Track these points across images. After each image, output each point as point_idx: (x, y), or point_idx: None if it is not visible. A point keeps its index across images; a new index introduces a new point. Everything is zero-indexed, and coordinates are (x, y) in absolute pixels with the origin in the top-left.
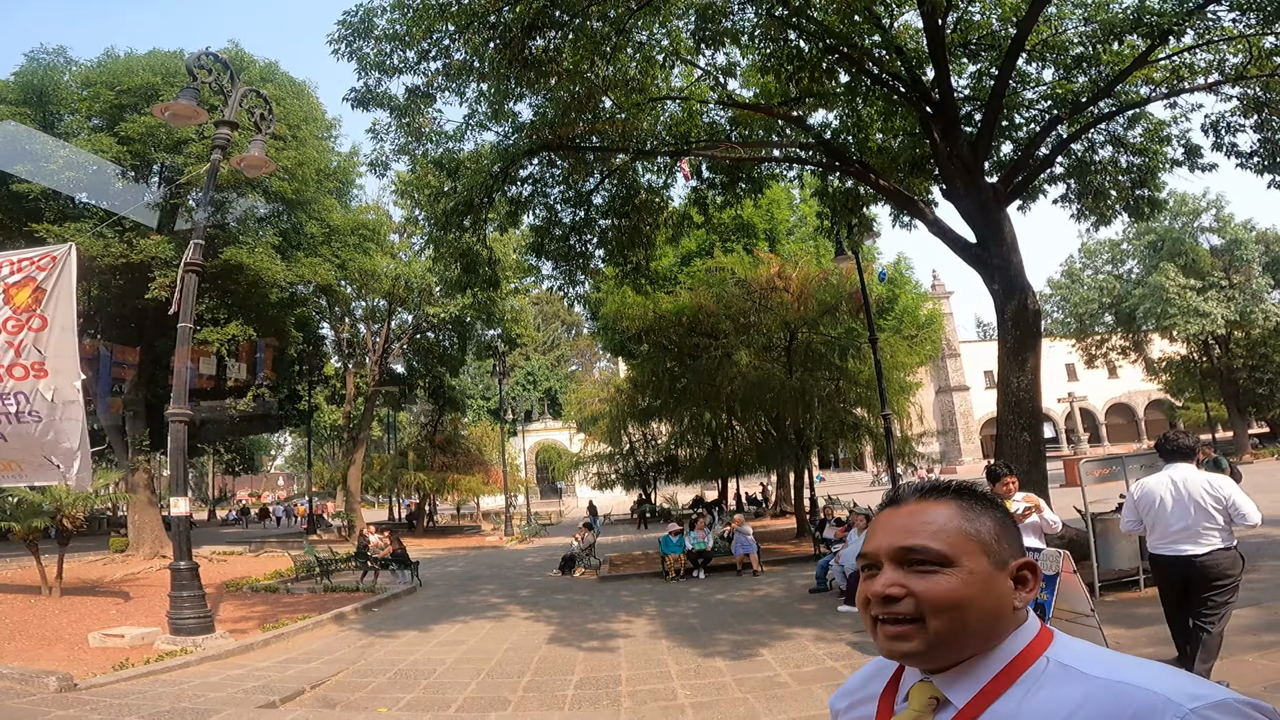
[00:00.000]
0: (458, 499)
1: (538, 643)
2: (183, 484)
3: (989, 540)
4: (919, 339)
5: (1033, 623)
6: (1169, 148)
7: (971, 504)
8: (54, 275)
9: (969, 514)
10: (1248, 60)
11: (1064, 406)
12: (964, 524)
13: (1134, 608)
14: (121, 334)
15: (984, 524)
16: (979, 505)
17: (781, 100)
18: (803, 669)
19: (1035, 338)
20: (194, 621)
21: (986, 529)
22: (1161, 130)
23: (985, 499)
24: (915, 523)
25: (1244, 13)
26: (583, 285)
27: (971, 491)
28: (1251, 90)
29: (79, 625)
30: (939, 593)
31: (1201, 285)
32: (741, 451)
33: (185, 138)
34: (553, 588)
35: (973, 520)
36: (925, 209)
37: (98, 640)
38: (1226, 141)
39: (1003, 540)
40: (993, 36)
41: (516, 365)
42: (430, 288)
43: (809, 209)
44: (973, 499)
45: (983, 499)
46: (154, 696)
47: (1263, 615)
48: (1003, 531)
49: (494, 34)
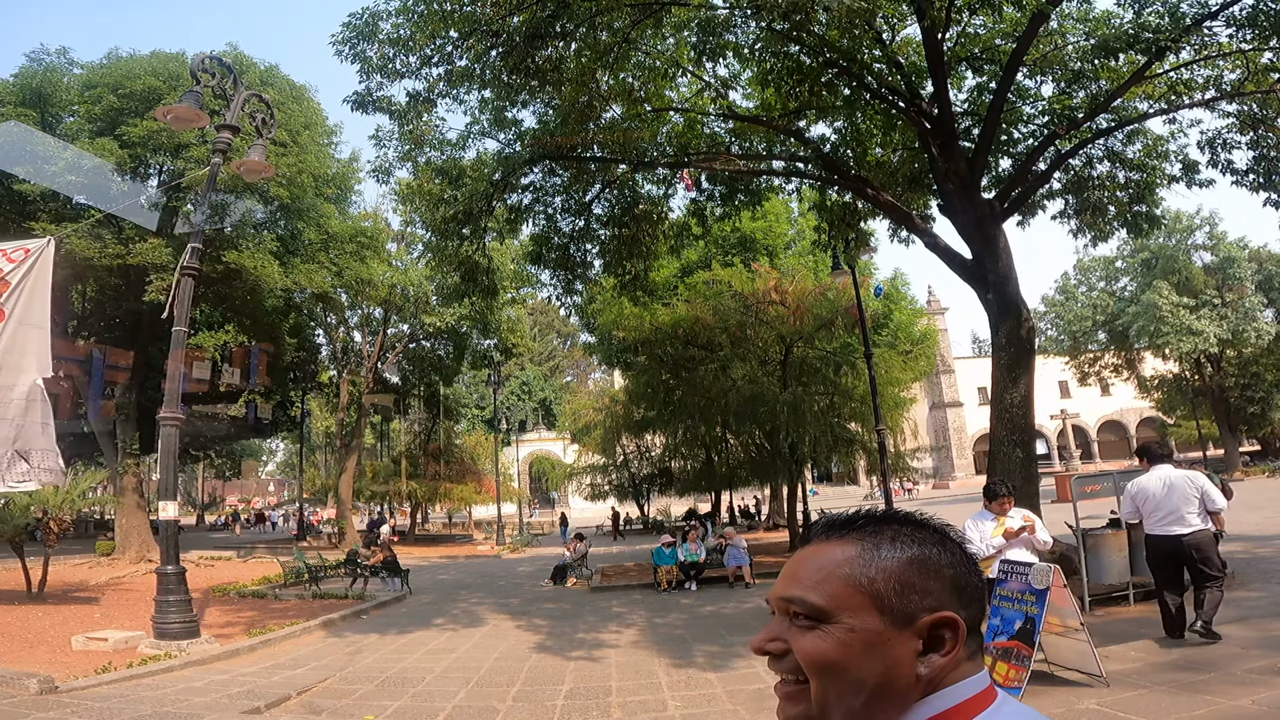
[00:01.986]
0: (450, 508)
1: (527, 652)
2: (172, 488)
3: (886, 592)
4: (914, 355)
5: (957, 691)
6: (1167, 164)
7: (880, 544)
8: (23, 268)
9: (868, 558)
10: (1244, 76)
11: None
12: (855, 571)
13: (1123, 621)
14: (116, 337)
15: (887, 570)
16: (893, 545)
17: (781, 113)
18: None
19: (1029, 355)
20: (179, 626)
21: (888, 577)
22: (1159, 146)
23: (909, 536)
24: (804, 568)
25: (1241, 29)
26: (580, 295)
27: (890, 526)
28: (1247, 107)
29: (62, 628)
30: (808, 653)
31: (1194, 303)
32: (735, 465)
33: (185, 141)
34: (544, 597)
35: (871, 566)
36: (922, 224)
37: (81, 643)
38: (1222, 158)
39: (911, 591)
40: (992, 51)
41: (511, 375)
42: (427, 296)
43: (806, 223)
44: (884, 537)
45: (905, 536)
46: (136, 700)
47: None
48: (919, 579)
49: (497, 42)
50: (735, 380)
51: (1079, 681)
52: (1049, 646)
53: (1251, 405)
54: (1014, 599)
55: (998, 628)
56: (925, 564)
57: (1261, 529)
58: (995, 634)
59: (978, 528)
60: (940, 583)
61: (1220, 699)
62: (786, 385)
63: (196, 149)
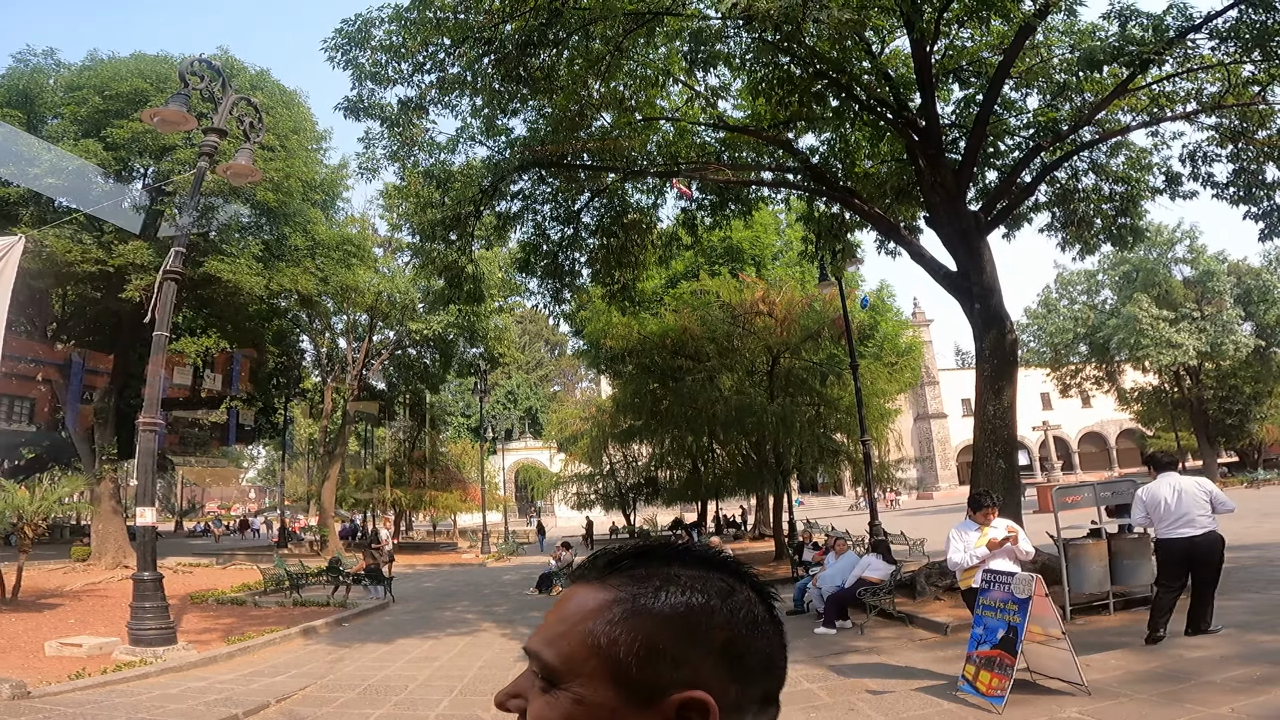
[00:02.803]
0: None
1: (512, 660)
2: (150, 494)
3: (626, 658)
4: (899, 366)
5: None
6: (1150, 175)
7: (642, 592)
8: None
9: (617, 611)
10: (1225, 89)
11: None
12: (596, 627)
13: (1103, 630)
14: (95, 340)
15: (635, 629)
16: (658, 594)
17: (771, 123)
18: None
19: (1012, 366)
20: (155, 632)
21: (634, 639)
22: (1143, 158)
23: (687, 582)
24: (553, 615)
25: (1223, 41)
26: (568, 303)
27: (668, 568)
28: (1228, 120)
29: (35, 634)
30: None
31: (1174, 316)
32: (722, 474)
33: (171, 144)
34: (529, 605)
35: (617, 623)
36: (908, 236)
37: (54, 649)
38: (1203, 171)
39: (660, 660)
40: (979, 64)
41: (498, 384)
42: (413, 303)
43: (794, 234)
44: (651, 583)
45: (683, 582)
46: (110, 707)
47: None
48: (675, 643)
49: (489, 49)
50: (723, 390)
51: (1060, 690)
52: (1031, 655)
53: (1229, 417)
54: (997, 608)
55: (981, 637)
56: (690, 624)
57: (1241, 538)
58: (979, 643)
59: (962, 537)
60: (704, 649)
61: (1200, 707)
62: (774, 396)
63: (182, 151)
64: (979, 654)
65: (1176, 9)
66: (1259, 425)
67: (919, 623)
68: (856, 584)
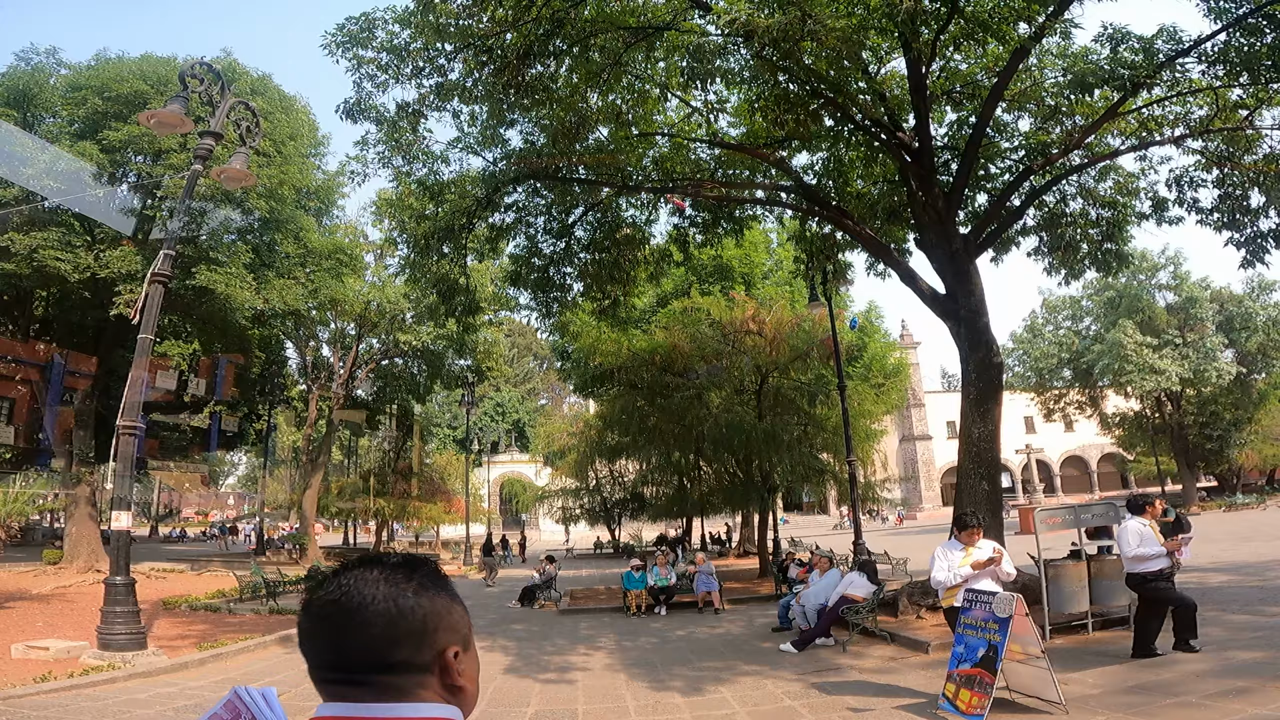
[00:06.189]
0: (418, 526)
1: (493, 673)
2: (127, 498)
3: None
4: (886, 388)
5: None
6: (1137, 200)
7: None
8: None
9: None
10: (1213, 113)
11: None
12: None
13: (1083, 649)
14: (79, 342)
15: None
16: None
17: (766, 141)
18: (760, 707)
19: (997, 390)
20: (125, 637)
21: None
22: (1130, 183)
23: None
24: None
25: (1213, 64)
26: (558, 317)
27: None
28: (1214, 144)
29: (2, 636)
30: None
31: (1158, 343)
32: (708, 491)
33: (167, 147)
34: (512, 618)
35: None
36: (898, 258)
37: (20, 652)
38: (1189, 196)
39: None
40: (973, 86)
41: (486, 396)
42: (402, 314)
43: (785, 253)
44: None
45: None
46: (76, 711)
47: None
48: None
49: (491, 57)
50: (711, 408)
51: (1038, 708)
52: (1010, 673)
53: (1210, 443)
54: (978, 627)
55: (962, 655)
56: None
57: (1218, 560)
58: (960, 661)
59: (946, 556)
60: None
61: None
62: (762, 415)
63: (177, 155)
64: (960, 672)
65: (1167, 33)
66: (1238, 451)
67: (901, 641)
68: (840, 602)
